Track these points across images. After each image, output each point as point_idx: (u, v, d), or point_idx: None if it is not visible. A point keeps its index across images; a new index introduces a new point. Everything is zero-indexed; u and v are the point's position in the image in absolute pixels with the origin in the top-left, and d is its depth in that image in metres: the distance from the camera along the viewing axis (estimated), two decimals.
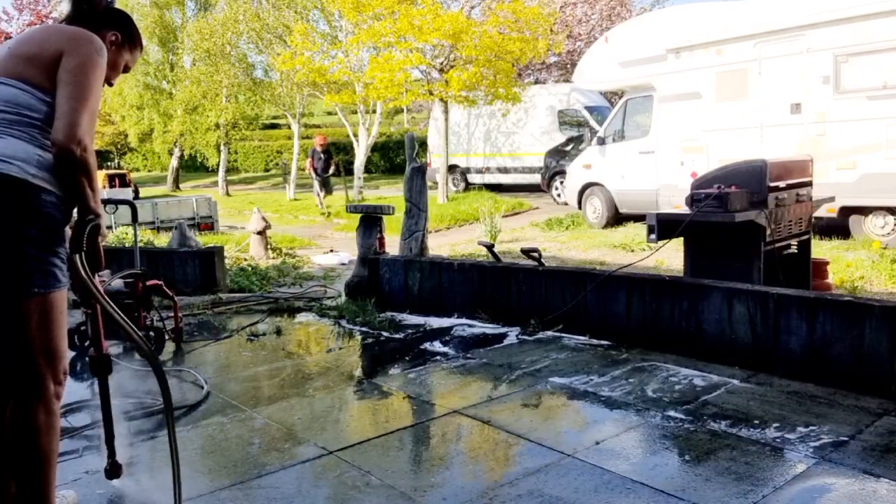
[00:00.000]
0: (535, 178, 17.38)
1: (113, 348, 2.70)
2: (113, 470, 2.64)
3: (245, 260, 9.65)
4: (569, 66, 21.40)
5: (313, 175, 17.98)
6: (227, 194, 25.30)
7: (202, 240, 10.46)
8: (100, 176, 20.36)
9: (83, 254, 2.09)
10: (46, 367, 2.09)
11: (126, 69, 2.45)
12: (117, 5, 2.47)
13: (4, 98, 2.07)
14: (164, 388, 2.34)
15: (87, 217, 2.08)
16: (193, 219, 14.76)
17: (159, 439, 3.15)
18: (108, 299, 2.20)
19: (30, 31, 2.31)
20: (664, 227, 4.73)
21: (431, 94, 16.09)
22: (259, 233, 10.15)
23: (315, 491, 2.68)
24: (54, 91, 2.09)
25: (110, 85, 2.42)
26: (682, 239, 4.91)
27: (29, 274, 2.02)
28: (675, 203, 8.26)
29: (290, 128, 25.99)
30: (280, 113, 26.33)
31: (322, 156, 17.86)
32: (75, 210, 2.13)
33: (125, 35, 2.39)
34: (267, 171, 34.58)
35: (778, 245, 4.88)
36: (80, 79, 2.07)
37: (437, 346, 4.74)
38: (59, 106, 2.04)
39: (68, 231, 2.20)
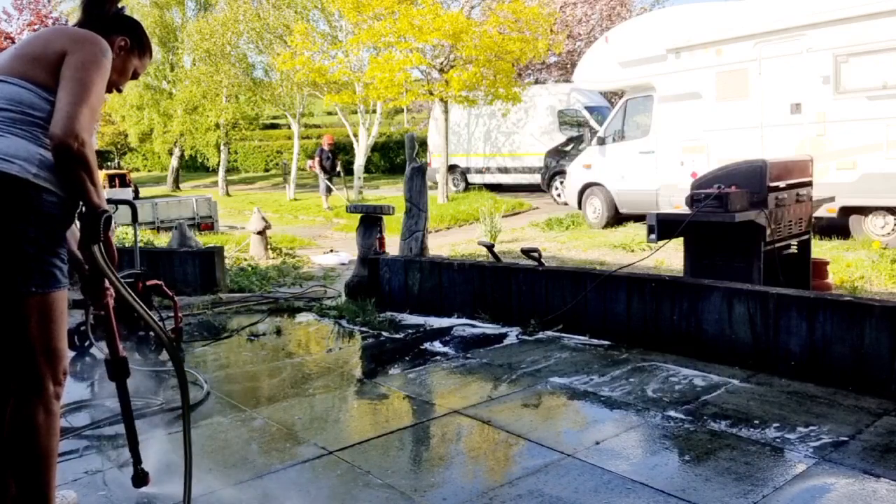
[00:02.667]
0: (535, 178, 17.38)
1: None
2: (140, 478, 2.56)
3: (245, 260, 9.66)
4: (569, 66, 21.37)
5: (321, 174, 18.07)
6: (227, 194, 25.29)
7: (202, 240, 10.47)
8: (100, 176, 20.32)
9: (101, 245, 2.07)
10: (46, 366, 2.09)
11: (135, 75, 2.46)
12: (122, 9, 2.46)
13: (8, 97, 2.08)
14: (182, 379, 2.33)
15: (100, 211, 2.07)
16: (193, 219, 14.75)
17: (159, 438, 3.15)
18: (129, 290, 2.18)
19: (36, 33, 2.32)
20: (664, 227, 4.74)
21: (431, 94, 16.09)
22: (259, 233, 10.15)
23: (315, 491, 2.68)
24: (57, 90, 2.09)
25: (119, 91, 2.43)
26: (682, 239, 4.91)
27: (28, 273, 2.02)
28: (675, 203, 8.26)
29: (290, 128, 25.98)
30: (280, 113, 26.32)
31: (329, 155, 18.08)
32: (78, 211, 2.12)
33: (134, 41, 2.40)
34: (267, 171, 34.57)
35: (778, 245, 4.88)
36: (82, 75, 2.07)
37: (437, 346, 4.74)
38: (59, 101, 2.04)
39: (76, 232, 2.19)
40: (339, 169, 18.38)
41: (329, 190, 18.21)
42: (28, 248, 2.01)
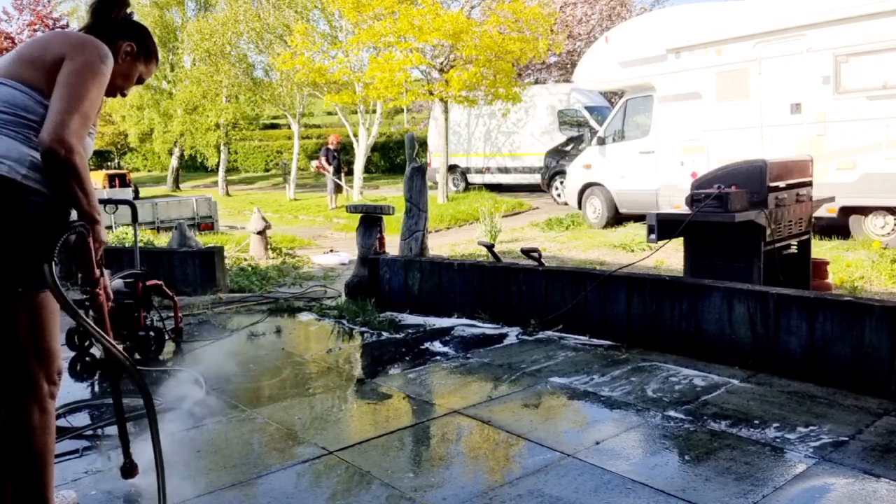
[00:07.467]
0: (535, 178, 17.38)
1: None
2: (129, 469, 2.61)
3: (245, 260, 9.66)
4: (569, 66, 21.38)
5: (329, 174, 18.07)
6: (227, 194, 25.28)
7: (202, 240, 10.46)
8: (100, 176, 20.35)
9: (54, 262, 2.02)
10: (38, 367, 2.09)
11: (140, 80, 2.45)
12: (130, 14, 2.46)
13: (2, 98, 2.07)
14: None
15: (75, 225, 2.06)
16: (193, 219, 14.74)
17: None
18: (81, 312, 2.14)
19: (39, 36, 2.32)
20: (664, 227, 4.74)
21: (431, 94, 16.08)
22: (259, 233, 10.15)
23: (315, 491, 2.68)
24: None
25: (123, 95, 2.42)
26: (682, 239, 4.91)
27: (13, 273, 2.01)
28: (675, 203, 8.26)
29: (290, 128, 25.97)
30: (280, 113, 26.32)
31: (335, 154, 18.13)
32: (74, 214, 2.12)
33: (140, 47, 2.39)
34: (267, 171, 34.56)
35: (778, 245, 4.88)
36: (77, 81, 2.07)
37: (437, 346, 4.73)
38: (51, 106, 2.03)
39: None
40: (342, 169, 18.46)
41: (338, 189, 18.20)
42: (15, 247, 2.00)
